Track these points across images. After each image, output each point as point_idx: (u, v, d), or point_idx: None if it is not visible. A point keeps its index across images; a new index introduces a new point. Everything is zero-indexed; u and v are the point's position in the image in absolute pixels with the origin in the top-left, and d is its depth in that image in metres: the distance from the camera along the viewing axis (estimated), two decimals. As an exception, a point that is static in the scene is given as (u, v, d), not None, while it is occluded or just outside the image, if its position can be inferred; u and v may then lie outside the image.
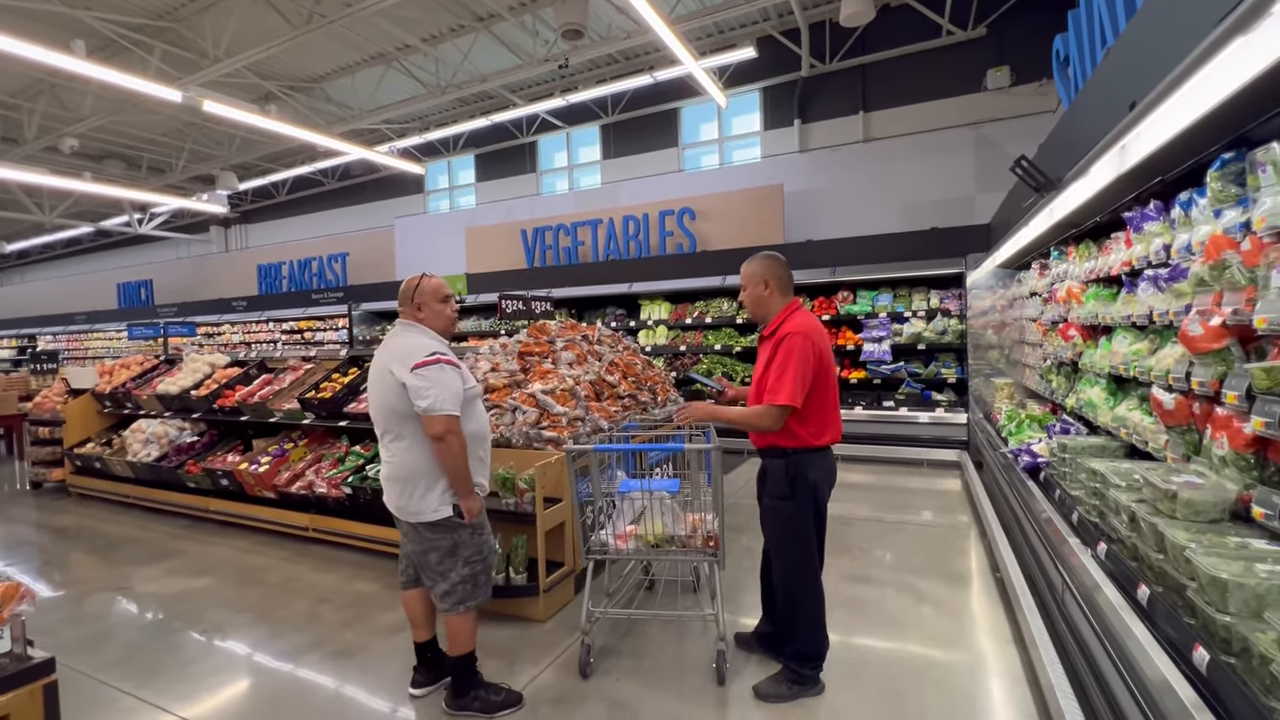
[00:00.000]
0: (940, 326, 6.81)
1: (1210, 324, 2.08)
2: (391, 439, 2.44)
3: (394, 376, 2.35)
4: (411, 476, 2.40)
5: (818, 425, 2.51)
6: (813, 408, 2.48)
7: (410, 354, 2.36)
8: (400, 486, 2.42)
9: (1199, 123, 1.84)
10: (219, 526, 5.18)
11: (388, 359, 2.40)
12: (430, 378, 2.32)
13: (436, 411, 2.30)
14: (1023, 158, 2.68)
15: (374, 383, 2.46)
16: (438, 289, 2.54)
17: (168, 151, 12.59)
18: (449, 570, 2.44)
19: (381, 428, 2.47)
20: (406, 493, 2.41)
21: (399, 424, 2.39)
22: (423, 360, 2.33)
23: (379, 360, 2.45)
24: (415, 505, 2.40)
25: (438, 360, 2.35)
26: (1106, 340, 3.37)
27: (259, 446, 5.28)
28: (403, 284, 2.54)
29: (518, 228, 10.56)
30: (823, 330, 2.56)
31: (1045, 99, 7.63)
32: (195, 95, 6.93)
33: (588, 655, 2.79)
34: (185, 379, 6.02)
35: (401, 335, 2.48)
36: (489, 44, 8.89)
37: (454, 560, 2.45)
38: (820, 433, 2.52)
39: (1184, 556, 1.76)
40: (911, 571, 3.82)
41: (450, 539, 2.44)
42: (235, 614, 3.57)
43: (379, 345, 2.58)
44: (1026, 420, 4.59)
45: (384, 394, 2.40)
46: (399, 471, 2.42)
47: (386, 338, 2.53)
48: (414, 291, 2.51)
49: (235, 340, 13.63)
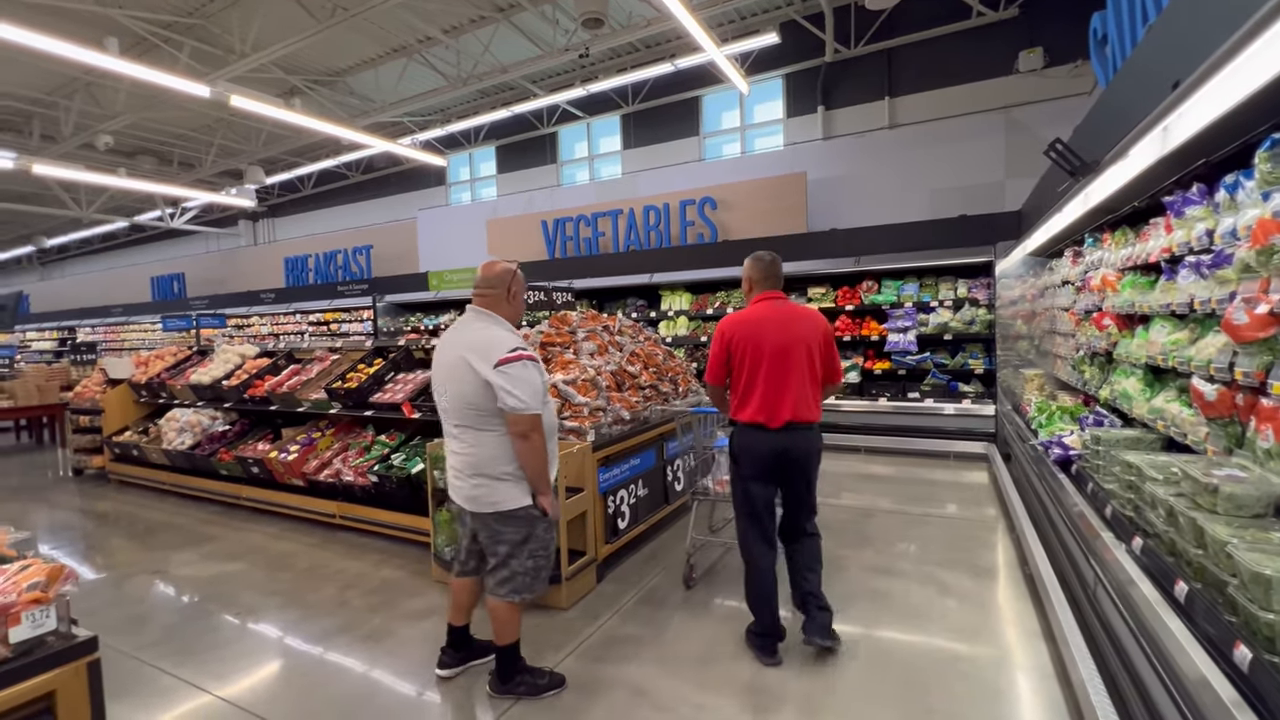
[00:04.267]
0: (968, 316, 6.67)
1: (1256, 312, 2.00)
2: (467, 431, 2.37)
3: (475, 371, 2.28)
4: (485, 472, 2.36)
5: (738, 402, 2.80)
6: (734, 386, 2.82)
7: (490, 348, 2.30)
8: (475, 479, 2.38)
9: (1246, 102, 1.75)
10: (250, 513, 5.31)
11: (463, 350, 2.33)
12: (516, 376, 2.28)
13: (523, 411, 2.27)
14: (1057, 141, 2.59)
15: (447, 371, 2.39)
16: (524, 282, 2.56)
17: (197, 147, 12.86)
18: (514, 560, 2.43)
19: (456, 419, 2.39)
20: (486, 484, 2.37)
21: (476, 418, 2.34)
22: (507, 356, 2.28)
23: (452, 349, 2.39)
24: (492, 496, 2.37)
25: (521, 357, 2.31)
26: (1144, 329, 3.27)
27: (288, 435, 5.39)
28: (489, 268, 2.47)
29: (538, 219, 10.59)
30: (755, 317, 2.79)
31: (1080, 81, 7.37)
32: (223, 90, 7.05)
33: (691, 571, 3.58)
34: (217, 369, 6.17)
35: (477, 325, 2.42)
36: (510, 34, 8.88)
37: (522, 551, 2.43)
38: (738, 407, 2.79)
39: (1225, 552, 1.71)
40: (936, 564, 3.77)
41: (524, 531, 2.42)
42: (267, 597, 3.67)
43: (446, 331, 2.51)
44: (1057, 412, 4.49)
45: (461, 387, 2.34)
46: (474, 464, 2.37)
47: (458, 325, 2.47)
48: (511, 279, 2.47)
49: (264, 332, 13.92)
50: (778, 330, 2.72)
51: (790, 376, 2.70)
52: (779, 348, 2.70)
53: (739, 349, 2.75)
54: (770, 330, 2.72)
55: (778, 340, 2.70)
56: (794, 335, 2.72)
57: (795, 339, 2.71)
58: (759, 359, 2.71)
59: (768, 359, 2.70)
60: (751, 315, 2.79)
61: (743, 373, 2.76)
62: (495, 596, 2.46)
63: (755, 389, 2.72)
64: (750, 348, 2.72)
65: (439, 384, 2.46)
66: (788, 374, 2.70)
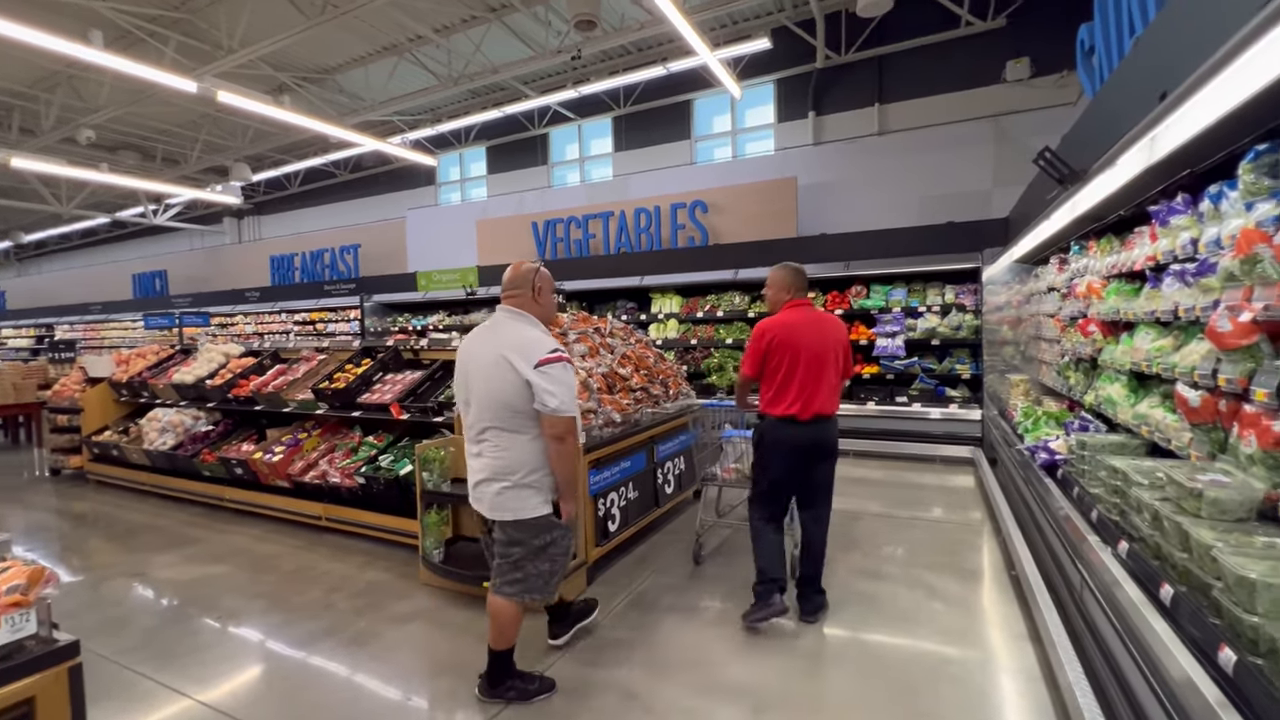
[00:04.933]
0: (955, 322, 6.74)
1: (1240, 320, 2.03)
2: (498, 432, 2.32)
3: (515, 371, 2.24)
4: (511, 474, 2.31)
5: (769, 395, 3.07)
6: (765, 383, 3.09)
7: (530, 348, 2.27)
8: (497, 485, 2.33)
9: (1233, 113, 1.79)
10: (233, 515, 5.23)
11: (504, 349, 2.28)
12: (556, 377, 2.25)
13: (562, 413, 2.24)
14: (1046, 149, 2.63)
15: (479, 370, 2.33)
16: (550, 279, 2.53)
17: (182, 143, 12.68)
18: (528, 564, 2.39)
19: (488, 419, 2.32)
20: (505, 491, 2.32)
21: (511, 419, 2.29)
22: (547, 357, 2.25)
23: (488, 348, 2.32)
24: (515, 503, 2.33)
25: (560, 358, 2.29)
26: (1128, 336, 3.31)
27: (273, 436, 5.32)
28: (514, 269, 2.45)
29: (529, 220, 10.56)
30: (793, 322, 3.06)
31: (1066, 91, 7.50)
32: (210, 86, 6.95)
33: (700, 550, 3.96)
34: (200, 369, 6.07)
35: (512, 325, 2.38)
36: (501, 35, 8.86)
37: (539, 557, 2.40)
38: (773, 402, 3.05)
39: (1210, 555, 1.74)
40: (924, 567, 3.80)
41: (544, 538, 2.39)
42: (250, 600, 3.61)
43: (478, 331, 2.45)
44: (1043, 417, 4.54)
45: (496, 386, 2.28)
46: (502, 467, 2.32)
47: (491, 324, 2.42)
48: (535, 277, 2.45)
49: (248, 331, 13.74)
50: (811, 334, 3.01)
51: (822, 375, 3.01)
52: (813, 350, 2.99)
53: (777, 350, 3.01)
54: (805, 334, 3.00)
55: (812, 343, 2.99)
56: (824, 339, 3.02)
57: (825, 342, 3.02)
58: (796, 359, 2.98)
59: (804, 360, 2.98)
60: (788, 319, 3.07)
61: (780, 371, 3.01)
62: (501, 595, 2.41)
63: (792, 386, 2.98)
64: (788, 349, 2.99)
65: (472, 382, 2.37)
66: (821, 373, 3.00)
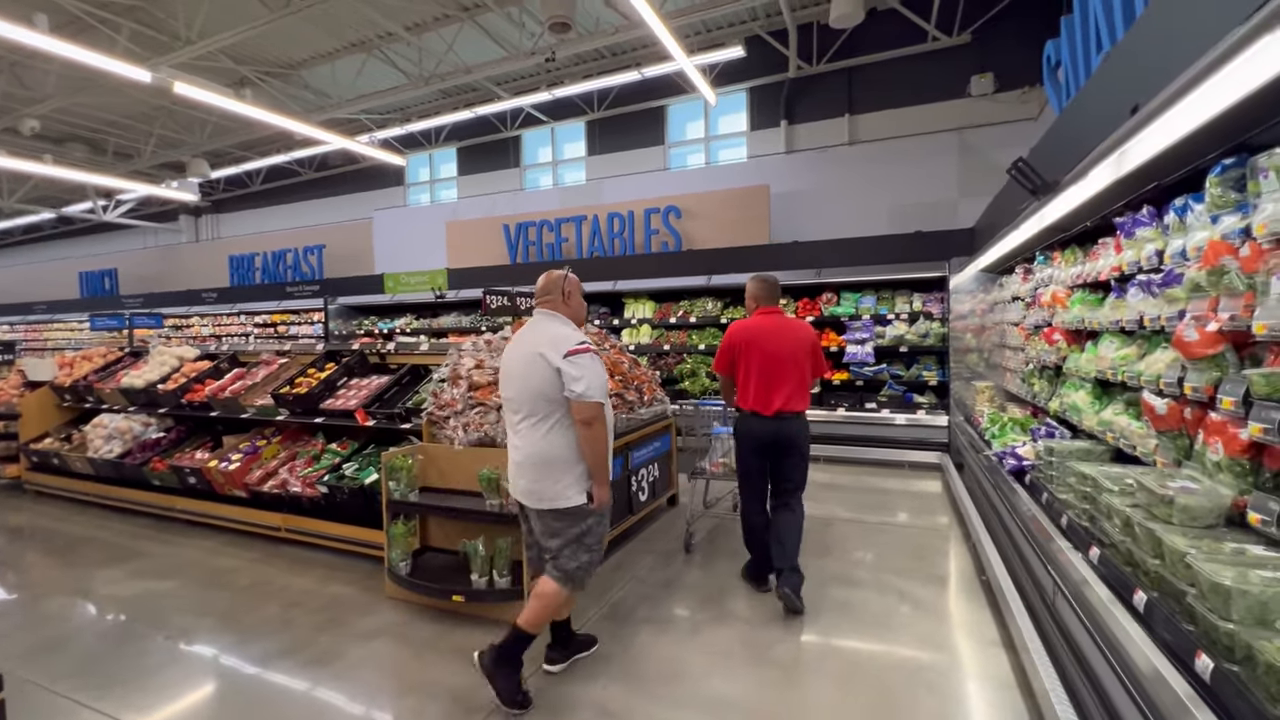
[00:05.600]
0: (922, 329, 6.86)
1: (1206, 330, 2.07)
2: (534, 423, 2.50)
3: (546, 362, 2.43)
4: (551, 461, 2.47)
5: (739, 392, 3.45)
6: (736, 381, 3.47)
7: (561, 341, 2.47)
8: (537, 472, 2.48)
9: (1203, 127, 1.82)
10: (186, 526, 4.97)
11: (537, 344, 2.49)
12: (584, 365, 2.43)
13: (589, 398, 2.41)
14: (1020, 160, 2.67)
15: (517, 366, 2.54)
16: (578, 283, 2.75)
17: (135, 136, 12.14)
18: (565, 552, 2.52)
19: (525, 411, 2.52)
20: (545, 478, 2.48)
21: (546, 408, 2.47)
22: (575, 348, 2.45)
23: (524, 346, 2.54)
24: (551, 491, 2.47)
25: (587, 349, 2.48)
26: (1093, 345, 3.39)
27: (229, 443, 5.08)
28: (546, 277, 2.68)
29: (500, 223, 10.41)
30: (755, 326, 3.41)
31: (1027, 106, 7.75)
32: (166, 76, 6.63)
33: (690, 539, 4.24)
34: (151, 372, 5.78)
35: (546, 324, 2.60)
36: (474, 35, 8.73)
37: (577, 546, 2.52)
38: (741, 397, 3.44)
39: (1184, 562, 1.75)
40: (895, 573, 3.81)
41: (580, 526, 2.52)
42: (201, 619, 3.41)
43: (522, 331, 2.68)
44: (1009, 423, 4.63)
45: (531, 378, 2.47)
46: (538, 456, 2.48)
47: (530, 327, 2.65)
48: (564, 282, 2.67)
49: (205, 333, 13.21)
50: (772, 339, 3.35)
51: (780, 376, 3.33)
52: (772, 353, 3.34)
53: (742, 351, 3.39)
54: (766, 338, 3.35)
55: (772, 347, 3.34)
56: (785, 343, 3.36)
57: (786, 347, 3.35)
58: (754, 360, 3.34)
59: (764, 361, 3.33)
60: (753, 324, 3.43)
61: (741, 369, 3.40)
62: (550, 577, 2.55)
63: (751, 383, 3.36)
64: (750, 350, 3.36)
65: (509, 380, 2.59)
66: (778, 374, 3.33)
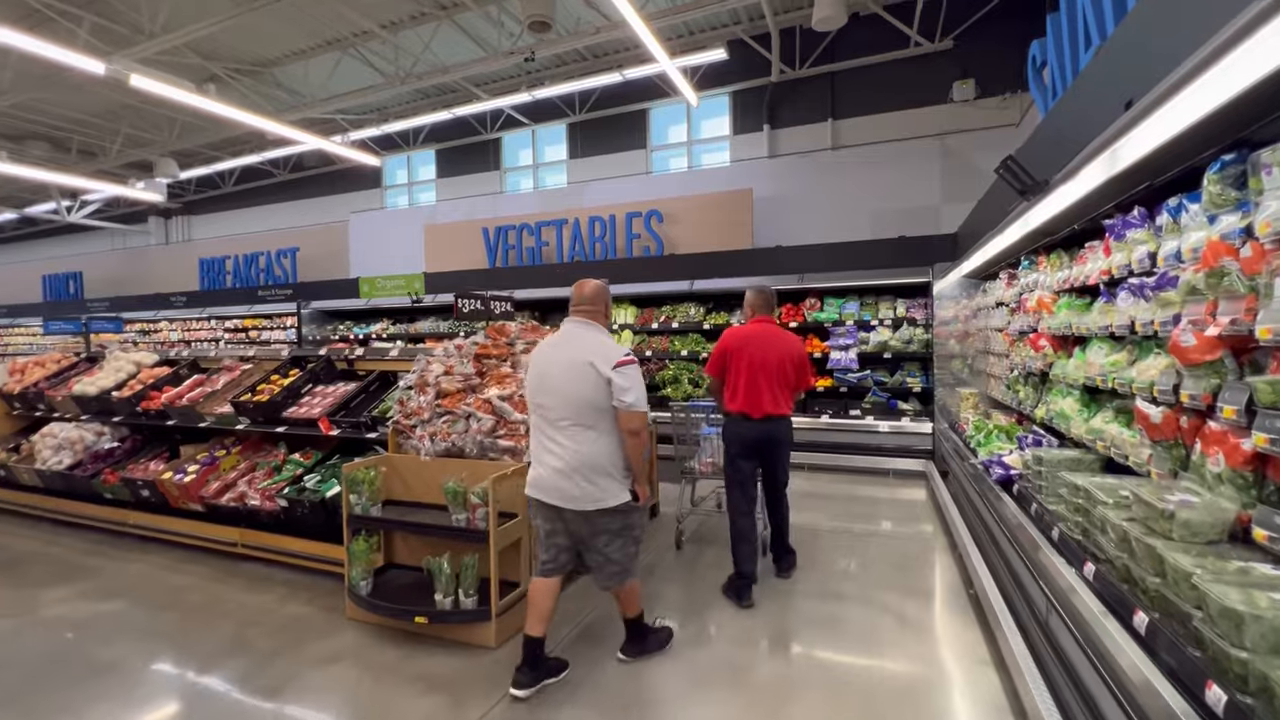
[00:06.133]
0: (906, 335, 6.80)
1: (1205, 334, 1.98)
2: (580, 430, 2.55)
3: (597, 372, 2.52)
4: (596, 466, 2.55)
5: (728, 395, 3.63)
6: (726, 385, 3.65)
7: (609, 352, 2.57)
8: (582, 476, 2.54)
9: (1202, 122, 1.73)
10: (139, 541, 4.71)
11: (585, 354, 2.56)
12: (631, 377, 2.54)
13: (638, 408, 2.54)
14: (1010, 158, 2.58)
15: (561, 375, 2.59)
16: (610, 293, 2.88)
17: (101, 134, 11.75)
18: (616, 550, 2.65)
19: (571, 419, 2.56)
20: (594, 481, 2.55)
21: (593, 416, 2.55)
22: (623, 359, 2.56)
23: (569, 354, 2.60)
24: (600, 492, 2.55)
25: (633, 360, 2.59)
26: (1080, 351, 3.31)
27: (186, 454, 4.83)
28: (585, 287, 2.75)
29: (479, 226, 10.21)
30: (749, 334, 3.61)
31: (1008, 113, 7.76)
32: (121, 69, 6.34)
33: (681, 536, 4.46)
34: (106, 379, 5.49)
35: (588, 333, 2.69)
36: (452, 34, 8.55)
37: (620, 539, 2.66)
38: (730, 400, 3.62)
39: (1189, 583, 1.64)
40: (883, 587, 3.69)
41: (622, 521, 2.65)
42: (149, 642, 3.18)
43: (554, 340, 2.73)
44: (995, 431, 4.55)
45: (579, 387, 2.54)
46: (583, 461, 2.54)
47: (568, 335, 2.70)
48: (605, 293, 2.79)
49: (174, 338, 12.80)
50: (763, 347, 3.54)
51: (768, 382, 3.52)
52: (761, 360, 3.52)
53: (734, 356, 3.57)
54: (757, 346, 3.54)
55: (761, 355, 3.53)
56: (774, 352, 3.56)
57: (774, 355, 3.55)
58: (744, 366, 3.53)
59: (753, 367, 3.51)
60: (747, 332, 3.63)
61: (732, 374, 3.59)
62: (607, 589, 2.75)
63: (740, 388, 3.53)
64: (741, 356, 3.55)
65: (541, 386, 2.63)
66: (767, 380, 3.52)
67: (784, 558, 3.85)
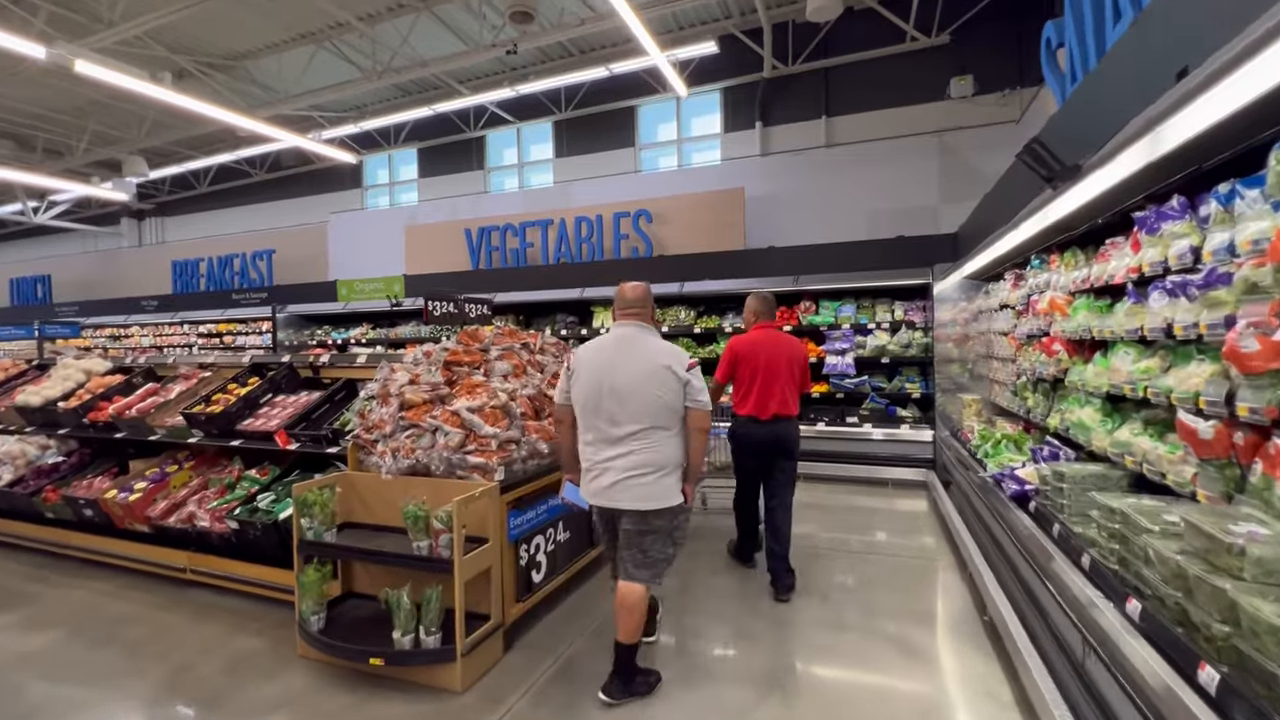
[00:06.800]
0: (905, 339, 6.54)
1: (1272, 338, 1.70)
2: (653, 432, 2.57)
3: (674, 375, 2.57)
4: (663, 467, 2.58)
5: (738, 399, 3.81)
6: (734, 389, 3.84)
7: (678, 355, 2.64)
8: (650, 477, 2.56)
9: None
10: (82, 565, 4.34)
11: (658, 358, 2.60)
12: (699, 378, 2.64)
13: (705, 408, 2.64)
14: (1036, 141, 2.30)
15: (634, 379, 2.57)
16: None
17: (67, 131, 11.28)
18: (658, 549, 2.64)
19: (646, 421, 2.57)
20: (656, 481, 2.56)
21: (667, 418, 2.59)
22: (691, 362, 2.65)
23: (640, 359, 2.60)
24: (660, 493, 2.57)
25: (696, 363, 2.66)
26: (1102, 356, 3.06)
27: (136, 469, 4.46)
28: (633, 290, 2.77)
29: (461, 227, 9.88)
30: (756, 339, 3.79)
31: (1008, 110, 7.55)
32: (66, 54, 5.91)
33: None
34: (52, 388, 5.10)
35: (648, 338, 2.70)
36: (431, 26, 8.23)
37: (668, 539, 2.66)
38: (739, 404, 3.80)
39: (1277, 638, 1.36)
40: (888, 615, 3.40)
41: (672, 522, 2.65)
42: (80, 685, 2.84)
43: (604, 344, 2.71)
44: (1003, 440, 4.29)
45: (659, 391, 2.56)
46: (653, 462, 2.56)
47: (626, 339, 2.68)
48: (650, 294, 2.83)
49: (145, 344, 12.33)
50: (770, 351, 3.72)
51: (776, 384, 3.69)
52: (770, 364, 3.70)
53: (744, 361, 3.74)
54: (764, 351, 3.72)
55: (769, 359, 3.70)
56: (781, 356, 3.73)
57: (782, 359, 3.72)
58: (755, 370, 3.70)
59: (762, 371, 3.69)
60: (753, 338, 3.81)
61: (743, 379, 3.74)
62: (633, 580, 2.62)
63: (752, 392, 3.70)
64: (751, 362, 3.72)
65: (614, 393, 2.58)
66: (774, 382, 3.69)
67: (782, 577, 3.63)
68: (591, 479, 2.63)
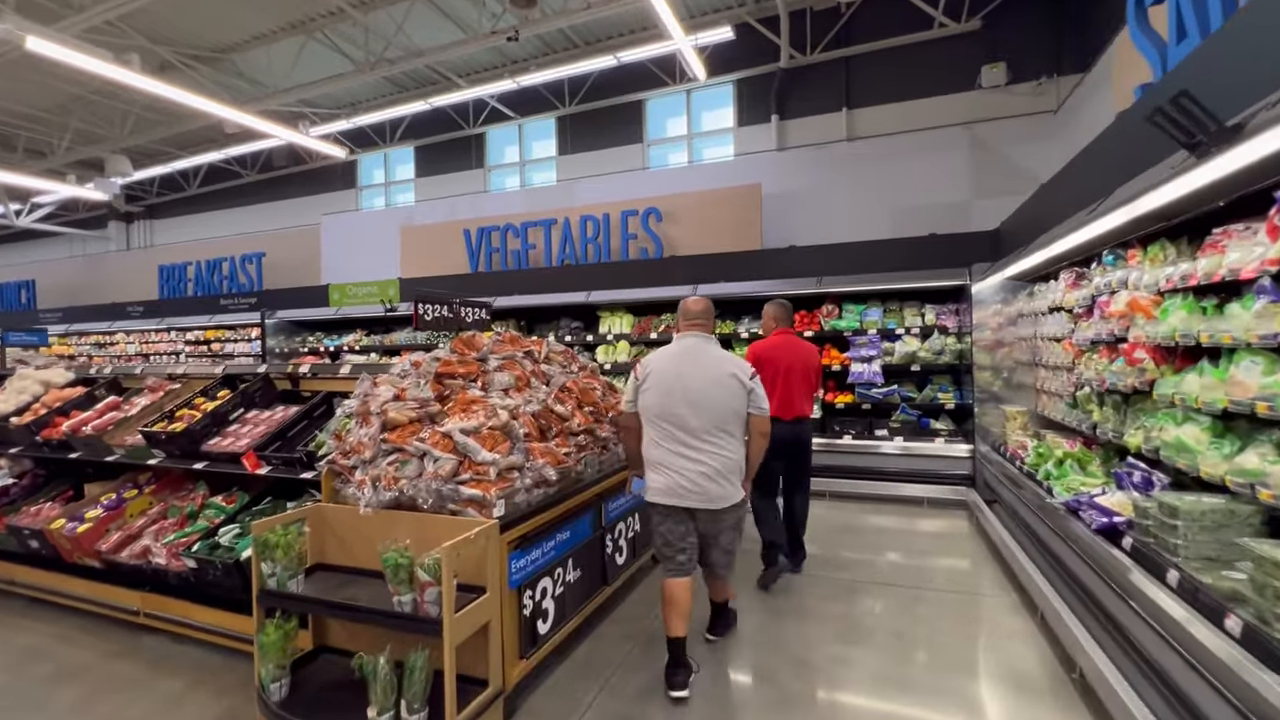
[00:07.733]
0: (937, 346, 6.05)
1: None
2: (723, 437, 2.76)
3: (740, 383, 2.78)
4: (733, 469, 2.79)
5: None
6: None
7: (742, 365, 2.85)
8: (723, 479, 2.75)
9: None
10: (30, 604, 3.85)
11: (725, 367, 2.80)
12: (760, 386, 2.87)
13: (767, 413, 2.88)
14: (1184, 93, 1.83)
15: (706, 387, 2.75)
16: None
17: (49, 130, 10.83)
18: (732, 541, 2.94)
19: (718, 427, 2.75)
20: (730, 482, 2.77)
21: (734, 423, 2.79)
22: (753, 371, 2.86)
23: (710, 367, 2.79)
24: (730, 492, 2.77)
25: (756, 371, 2.88)
26: (1212, 366, 2.60)
27: (91, 494, 3.98)
28: (696, 303, 3.05)
29: (460, 227, 9.41)
30: (777, 345, 4.02)
31: (1044, 99, 7.07)
32: (13, 30, 5.38)
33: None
34: (6, 402, 4.63)
35: (713, 348, 2.91)
36: (427, 13, 7.78)
37: (736, 532, 2.94)
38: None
39: None
40: (957, 670, 2.91)
41: (737, 516, 2.89)
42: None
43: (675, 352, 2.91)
44: (1067, 460, 3.81)
45: (727, 398, 2.76)
46: (725, 466, 2.75)
47: (695, 349, 2.88)
48: (712, 309, 3.07)
49: (131, 351, 11.85)
50: (790, 356, 3.96)
51: (798, 388, 3.95)
52: (789, 367, 3.93)
53: (767, 365, 3.83)
54: (785, 355, 3.96)
55: (790, 363, 3.94)
56: (799, 360, 3.98)
57: (800, 363, 3.98)
58: (778, 373, 3.89)
59: (784, 375, 3.90)
60: (774, 344, 4.03)
61: (768, 381, 3.57)
62: (720, 579, 3.04)
63: (775, 394, 3.76)
64: (774, 365, 3.89)
65: (688, 400, 2.74)
66: (794, 384, 3.93)
67: (795, 553, 4.11)
68: (663, 480, 2.76)
